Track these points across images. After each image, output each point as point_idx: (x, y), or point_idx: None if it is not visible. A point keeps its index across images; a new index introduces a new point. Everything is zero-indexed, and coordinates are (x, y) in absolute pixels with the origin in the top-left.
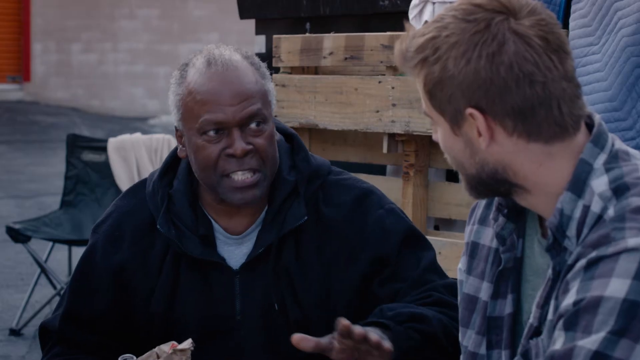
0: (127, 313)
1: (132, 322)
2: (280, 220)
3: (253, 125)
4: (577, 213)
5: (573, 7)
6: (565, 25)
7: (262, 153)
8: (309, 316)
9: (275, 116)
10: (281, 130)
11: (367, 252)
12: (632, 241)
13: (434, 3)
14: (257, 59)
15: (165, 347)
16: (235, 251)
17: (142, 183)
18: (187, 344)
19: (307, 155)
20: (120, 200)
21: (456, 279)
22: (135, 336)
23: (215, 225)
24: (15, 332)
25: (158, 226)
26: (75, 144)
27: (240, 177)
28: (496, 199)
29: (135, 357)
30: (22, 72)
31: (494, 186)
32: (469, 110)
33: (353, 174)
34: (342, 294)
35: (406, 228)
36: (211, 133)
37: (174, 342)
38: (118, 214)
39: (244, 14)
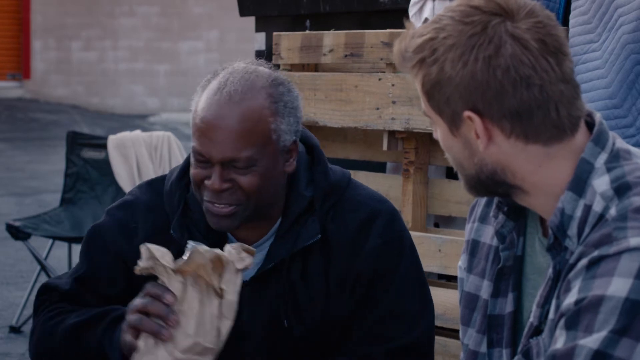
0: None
1: None
2: (293, 236)
3: (238, 164)
4: (579, 212)
5: (573, 5)
6: (565, 23)
7: (246, 190)
8: (312, 333)
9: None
10: (303, 139)
11: (352, 280)
12: (634, 241)
13: (434, 0)
14: (283, 89)
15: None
16: None
17: (163, 179)
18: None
19: (325, 169)
20: (141, 191)
21: (403, 340)
22: None
23: (229, 234)
24: (15, 330)
25: (171, 231)
26: (75, 142)
27: (216, 207)
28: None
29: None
30: (22, 69)
31: (493, 187)
32: (467, 113)
33: (357, 173)
34: (338, 317)
35: (386, 267)
36: (200, 158)
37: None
38: (137, 206)
39: (244, 12)
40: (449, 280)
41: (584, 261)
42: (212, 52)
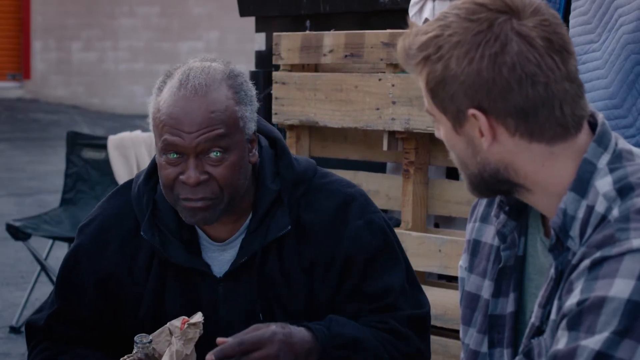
0: (115, 317)
1: (119, 324)
2: (264, 229)
3: (213, 155)
4: (581, 213)
5: (573, 5)
6: (565, 23)
7: (221, 182)
8: (297, 322)
9: (275, 114)
10: (265, 133)
11: (340, 262)
12: (636, 242)
13: (434, 0)
14: (241, 80)
15: (177, 322)
16: (219, 257)
17: (129, 184)
18: (199, 317)
19: (290, 161)
20: (107, 202)
21: (423, 310)
22: (124, 334)
23: (199, 231)
24: (15, 330)
25: (142, 232)
26: (75, 142)
27: (192, 202)
28: (498, 195)
29: (149, 336)
30: (22, 70)
31: (496, 185)
32: (471, 111)
33: (339, 172)
34: (324, 301)
35: (378, 245)
36: (172, 155)
37: (185, 317)
38: (104, 217)
39: (244, 12)
40: (449, 280)
41: (586, 262)
42: (212, 53)
